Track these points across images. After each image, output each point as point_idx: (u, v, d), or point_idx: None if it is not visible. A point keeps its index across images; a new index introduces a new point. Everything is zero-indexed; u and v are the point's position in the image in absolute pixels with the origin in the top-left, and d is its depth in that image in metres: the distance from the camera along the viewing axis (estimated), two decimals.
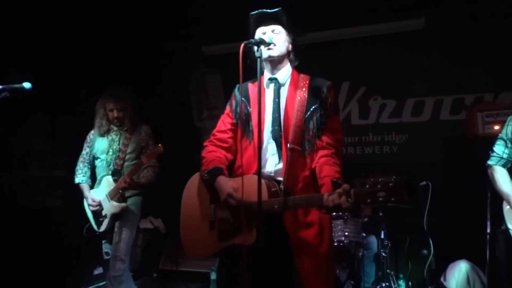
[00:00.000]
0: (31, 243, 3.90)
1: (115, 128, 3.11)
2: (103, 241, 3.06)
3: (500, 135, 2.59)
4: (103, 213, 2.99)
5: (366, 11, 4.12)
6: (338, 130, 1.89)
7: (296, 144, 1.81)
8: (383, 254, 3.25)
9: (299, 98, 1.87)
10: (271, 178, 1.84)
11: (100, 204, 3.00)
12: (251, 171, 1.84)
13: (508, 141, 2.54)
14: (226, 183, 1.80)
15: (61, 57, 4.36)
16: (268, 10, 1.90)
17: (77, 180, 3.15)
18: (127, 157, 3.05)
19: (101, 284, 3.90)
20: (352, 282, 3.19)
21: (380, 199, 1.45)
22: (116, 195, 2.94)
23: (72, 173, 3.23)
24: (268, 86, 1.95)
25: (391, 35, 4.17)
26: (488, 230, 2.92)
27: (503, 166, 2.56)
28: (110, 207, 2.96)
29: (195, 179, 2.01)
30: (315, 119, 1.85)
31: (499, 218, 2.63)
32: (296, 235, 1.75)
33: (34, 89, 2.43)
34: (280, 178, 1.82)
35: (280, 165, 1.84)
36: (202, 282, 4.04)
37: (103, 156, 3.07)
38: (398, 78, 4.20)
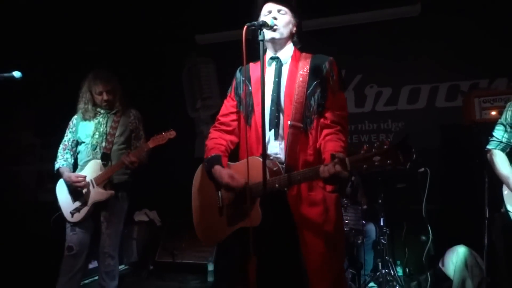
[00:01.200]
0: (24, 237, 3.82)
1: (102, 111, 2.86)
2: (71, 233, 2.73)
3: (500, 120, 2.60)
4: (83, 200, 2.71)
5: None
6: (342, 107, 1.82)
7: (297, 121, 1.77)
8: (383, 241, 3.25)
9: (300, 75, 1.82)
10: (273, 159, 1.82)
11: (84, 182, 2.69)
12: (254, 153, 1.81)
13: (507, 126, 2.55)
14: (221, 173, 1.80)
15: (49, 47, 4.25)
16: None
17: (57, 165, 2.84)
18: (115, 140, 2.81)
19: (96, 278, 3.84)
20: (351, 270, 3.19)
21: (376, 163, 1.41)
22: (104, 181, 2.71)
23: None
24: (270, 65, 1.92)
25: (386, 21, 4.15)
26: (486, 215, 2.94)
27: (502, 150, 2.57)
28: (94, 194, 2.70)
29: (200, 169, 2.00)
30: (316, 95, 1.79)
31: (497, 203, 2.65)
32: (299, 214, 1.74)
33: (23, 80, 2.36)
34: (282, 158, 1.80)
35: (282, 145, 1.81)
36: (199, 273, 4.02)
37: (88, 140, 2.80)
38: (393, 65, 4.18)
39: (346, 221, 3.05)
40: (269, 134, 1.83)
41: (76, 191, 2.73)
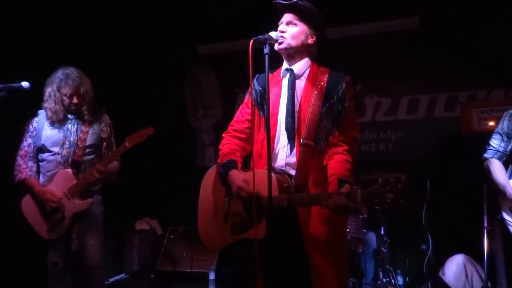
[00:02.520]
0: (17, 247, 3.78)
1: (70, 117, 2.67)
2: (52, 248, 2.58)
3: (496, 129, 2.67)
4: (60, 214, 2.53)
5: (361, 10, 4.16)
6: (354, 127, 1.82)
7: (309, 139, 1.77)
8: (383, 250, 3.27)
9: (316, 92, 1.81)
10: (282, 172, 1.82)
11: (59, 203, 2.52)
12: (264, 163, 1.82)
13: (504, 135, 2.62)
14: (237, 177, 1.78)
15: (54, 57, 4.30)
16: (283, 1, 1.84)
17: (22, 176, 2.59)
18: (87, 150, 2.64)
19: None
20: (352, 279, 3.20)
21: (388, 200, 1.41)
22: (79, 191, 2.55)
23: None
24: (284, 76, 1.92)
25: (386, 33, 4.22)
26: (485, 224, 2.96)
27: (499, 159, 2.63)
28: (71, 206, 2.53)
29: (211, 172, 1.99)
30: (330, 115, 1.78)
31: (495, 211, 2.69)
32: (309, 231, 1.73)
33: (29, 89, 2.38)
34: (292, 172, 1.80)
35: (292, 159, 1.82)
36: (200, 282, 4.02)
37: (56, 149, 2.59)
38: (393, 76, 4.24)
39: (348, 230, 3.07)
40: (280, 146, 1.84)
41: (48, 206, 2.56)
